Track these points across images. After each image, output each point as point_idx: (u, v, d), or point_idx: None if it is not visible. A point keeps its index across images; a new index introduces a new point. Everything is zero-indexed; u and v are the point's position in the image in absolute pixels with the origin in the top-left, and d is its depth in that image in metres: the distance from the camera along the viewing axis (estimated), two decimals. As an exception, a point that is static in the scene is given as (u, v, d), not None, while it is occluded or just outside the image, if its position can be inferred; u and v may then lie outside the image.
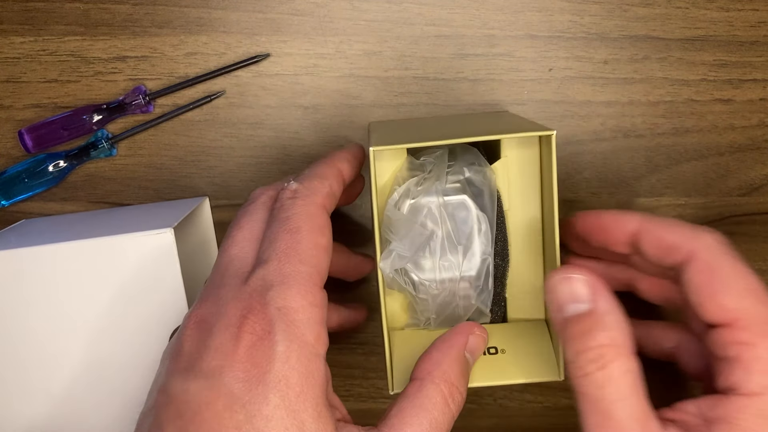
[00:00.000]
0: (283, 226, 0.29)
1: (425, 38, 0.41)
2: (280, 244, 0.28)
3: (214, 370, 0.25)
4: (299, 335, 0.26)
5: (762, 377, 0.27)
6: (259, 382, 0.25)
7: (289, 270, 0.28)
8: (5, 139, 0.42)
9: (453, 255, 0.34)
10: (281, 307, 0.27)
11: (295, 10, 0.41)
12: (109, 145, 0.41)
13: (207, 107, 0.42)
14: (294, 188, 0.31)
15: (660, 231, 0.31)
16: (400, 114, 0.42)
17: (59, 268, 0.35)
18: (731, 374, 0.28)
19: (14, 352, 0.36)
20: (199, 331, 0.27)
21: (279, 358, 0.26)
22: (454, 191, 0.34)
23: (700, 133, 0.43)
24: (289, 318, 0.26)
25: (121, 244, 0.35)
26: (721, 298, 0.28)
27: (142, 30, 0.41)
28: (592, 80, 0.42)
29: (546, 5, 0.41)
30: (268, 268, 0.28)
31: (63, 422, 0.36)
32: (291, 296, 0.27)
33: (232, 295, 0.28)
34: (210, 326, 0.27)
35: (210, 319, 0.27)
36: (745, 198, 0.43)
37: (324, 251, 0.29)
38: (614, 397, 0.27)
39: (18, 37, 0.41)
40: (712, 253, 0.29)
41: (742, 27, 0.42)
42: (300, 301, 0.27)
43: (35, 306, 0.35)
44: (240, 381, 0.25)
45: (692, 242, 0.30)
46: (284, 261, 0.28)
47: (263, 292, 0.27)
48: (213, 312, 0.27)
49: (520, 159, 0.35)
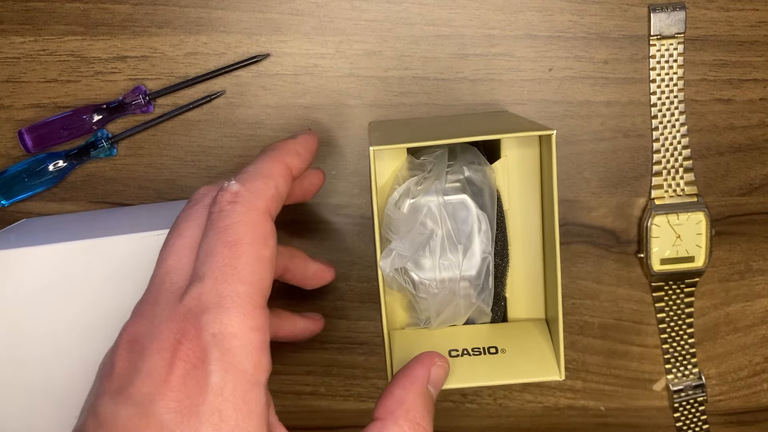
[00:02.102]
0: (221, 238, 0.27)
1: (425, 38, 0.41)
2: (218, 259, 0.26)
3: (145, 398, 0.24)
4: (235, 364, 0.25)
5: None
6: (192, 414, 0.24)
7: (226, 291, 0.26)
8: (5, 139, 0.42)
9: (453, 254, 0.34)
10: (216, 333, 0.25)
11: (295, 10, 0.41)
12: (109, 145, 0.41)
13: (207, 107, 0.42)
14: (234, 190, 0.28)
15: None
16: (400, 114, 0.42)
17: (59, 268, 0.35)
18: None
19: (14, 352, 0.36)
20: (131, 352, 0.26)
21: (213, 389, 0.24)
22: (454, 191, 0.34)
23: (700, 133, 0.43)
24: (224, 345, 0.25)
25: (121, 244, 0.35)
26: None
27: (142, 30, 0.41)
28: (592, 80, 0.42)
29: (546, 5, 0.41)
30: (203, 286, 0.26)
31: (63, 421, 0.36)
32: (228, 321, 0.25)
33: (166, 314, 0.26)
34: (142, 347, 0.26)
35: (143, 339, 0.26)
36: (745, 198, 0.43)
37: (267, 265, 0.27)
38: None
39: (18, 37, 0.41)
40: None
41: (742, 27, 0.42)
42: (238, 326, 0.25)
43: (35, 306, 0.35)
44: (171, 411, 0.24)
45: None
46: (221, 280, 0.26)
47: (198, 315, 0.25)
48: (146, 332, 0.26)
49: (520, 158, 0.35)
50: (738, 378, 0.45)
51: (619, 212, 0.43)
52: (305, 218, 0.43)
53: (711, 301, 0.44)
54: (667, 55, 0.42)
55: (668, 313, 0.44)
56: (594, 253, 0.44)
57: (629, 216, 0.43)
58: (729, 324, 0.45)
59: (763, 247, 0.44)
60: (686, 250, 0.43)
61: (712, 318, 0.45)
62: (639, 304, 0.44)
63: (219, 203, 0.28)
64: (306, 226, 0.43)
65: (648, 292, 0.44)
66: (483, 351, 0.33)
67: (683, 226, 0.42)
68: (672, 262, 0.43)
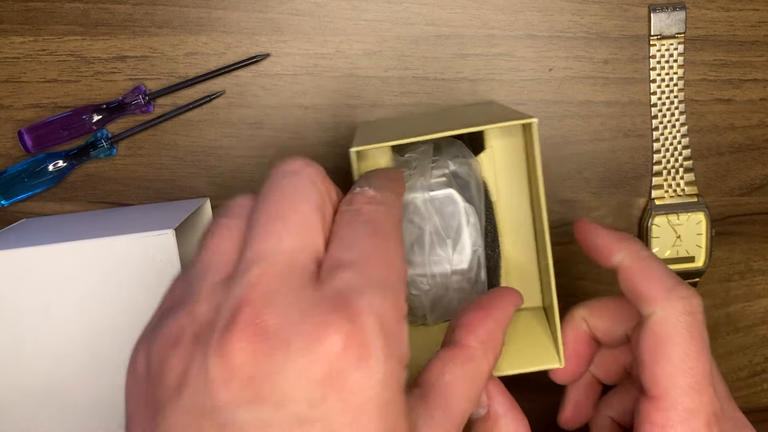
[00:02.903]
0: (367, 230, 0.24)
1: (425, 38, 0.41)
2: (367, 248, 0.23)
3: (300, 400, 0.20)
4: (396, 351, 0.21)
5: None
6: (362, 412, 0.20)
7: (381, 276, 0.22)
8: (5, 139, 0.42)
9: (442, 249, 0.33)
10: (380, 315, 0.21)
11: (295, 10, 0.41)
12: (108, 145, 0.41)
13: (207, 107, 0.42)
14: (371, 194, 0.26)
15: (636, 276, 0.30)
16: (399, 114, 0.42)
17: (59, 268, 0.35)
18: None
19: (14, 352, 0.36)
20: (265, 349, 0.20)
21: (382, 379, 0.21)
22: (440, 185, 0.34)
23: (700, 133, 0.43)
24: (387, 331, 0.21)
25: (122, 244, 0.35)
26: (657, 371, 0.28)
27: (142, 30, 0.41)
28: (592, 80, 0.42)
29: (546, 5, 0.41)
30: (353, 271, 0.22)
31: (63, 422, 0.36)
32: (388, 306, 0.22)
33: (306, 298, 0.21)
34: (282, 341, 0.20)
35: (281, 333, 0.20)
36: (745, 198, 0.43)
37: (406, 263, 0.25)
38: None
39: (18, 37, 0.41)
40: (672, 322, 0.28)
41: (742, 27, 0.42)
42: (395, 310, 0.22)
43: (35, 306, 0.35)
44: (338, 413, 0.20)
45: (661, 302, 0.29)
46: (373, 263, 0.23)
47: (352, 299, 0.21)
48: (284, 326, 0.20)
49: (505, 149, 0.35)
50: (738, 378, 0.45)
51: (619, 212, 0.43)
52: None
53: (711, 301, 0.44)
54: (667, 55, 0.42)
55: (668, 313, 0.44)
56: (594, 253, 0.44)
57: (629, 216, 0.43)
58: (729, 324, 0.45)
59: (763, 247, 0.44)
60: (686, 250, 0.43)
61: (712, 318, 0.45)
62: (639, 304, 0.44)
63: (354, 202, 0.25)
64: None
65: (648, 292, 0.44)
66: None
67: (683, 226, 0.42)
68: (672, 262, 0.43)
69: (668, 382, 0.27)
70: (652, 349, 0.28)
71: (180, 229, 0.36)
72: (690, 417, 0.27)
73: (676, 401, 0.27)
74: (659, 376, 0.28)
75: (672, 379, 0.27)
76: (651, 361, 0.28)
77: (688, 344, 0.28)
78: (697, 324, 0.28)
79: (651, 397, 0.28)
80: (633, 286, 0.30)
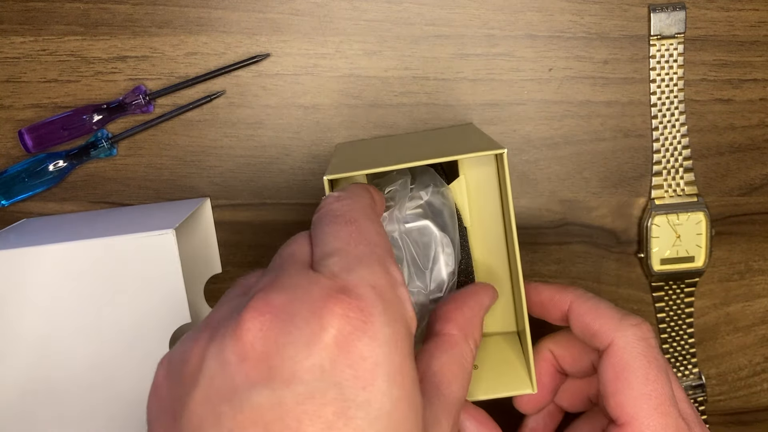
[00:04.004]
0: (337, 221, 0.25)
1: (425, 38, 0.41)
2: (342, 235, 0.24)
3: (313, 371, 0.20)
4: (400, 315, 0.22)
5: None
6: (374, 376, 0.20)
7: (363, 252, 0.24)
8: (5, 139, 0.42)
9: (420, 280, 0.34)
10: (375, 285, 0.22)
11: (295, 10, 0.41)
12: (109, 145, 0.41)
13: (207, 107, 0.42)
14: (336, 195, 0.27)
15: (587, 317, 0.31)
16: (399, 114, 0.42)
17: (60, 268, 0.35)
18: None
19: (14, 352, 0.36)
20: (274, 325, 0.21)
21: (389, 342, 0.21)
22: (415, 217, 0.34)
23: (700, 133, 0.43)
24: (386, 297, 0.22)
25: (122, 244, 0.35)
26: (621, 399, 0.29)
27: (142, 30, 0.41)
28: (592, 80, 0.42)
29: (546, 5, 0.41)
30: (338, 255, 0.23)
31: (63, 422, 0.36)
32: (378, 273, 0.23)
33: (305, 280, 0.22)
34: (289, 317, 0.21)
35: (286, 309, 0.21)
36: (745, 198, 0.43)
37: (386, 237, 0.25)
38: None
39: (18, 37, 0.41)
40: (628, 350, 0.29)
41: (742, 27, 0.42)
42: (387, 277, 0.23)
43: (35, 306, 0.35)
44: (350, 379, 0.20)
45: (613, 333, 0.30)
46: (354, 246, 0.24)
47: (345, 275, 0.22)
48: (287, 302, 0.21)
49: (477, 177, 0.35)
50: (738, 378, 0.45)
51: (619, 212, 0.43)
52: (304, 220, 0.43)
53: (711, 301, 0.44)
54: (667, 55, 0.42)
55: (668, 313, 0.44)
56: (594, 253, 0.44)
57: (629, 216, 0.43)
58: (729, 324, 0.45)
59: (763, 247, 0.44)
60: (686, 250, 0.43)
61: (712, 318, 0.45)
62: (639, 304, 0.44)
63: (323, 206, 0.27)
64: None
65: (648, 292, 0.44)
66: None
67: (683, 226, 0.42)
68: (672, 262, 0.43)
69: (632, 408, 0.28)
70: (613, 379, 0.29)
71: (180, 228, 0.36)
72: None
73: (642, 425, 0.28)
74: (624, 404, 0.28)
75: (636, 403, 0.28)
76: (614, 390, 0.29)
77: (646, 368, 0.29)
78: (651, 349, 0.29)
79: (620, 425, 0.29)
80: (585, 325, 0.31)
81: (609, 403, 0.29)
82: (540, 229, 0.43)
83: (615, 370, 0.29)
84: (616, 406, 0.29)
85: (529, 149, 0.43)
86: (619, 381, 0.29)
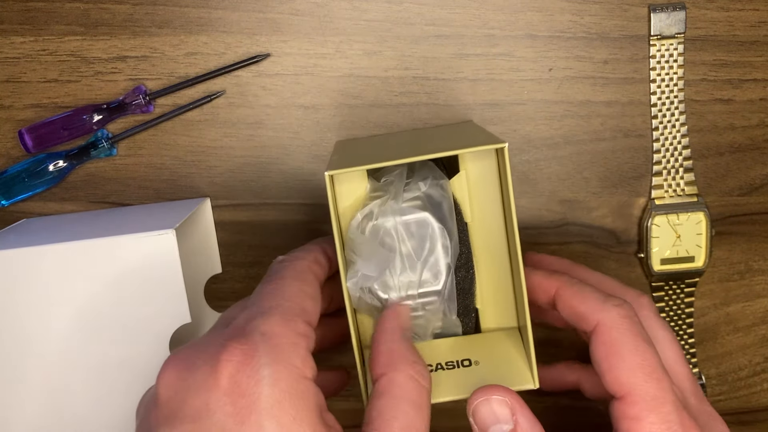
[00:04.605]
0: (268, 279, 0.30)
1: (425, 38, 0.41)
2: (265, 290, 0.29)
3: (200, 410, 0.24)
4: (285, 358, 0.25)
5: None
6: (251, 411, 0.24)
7: (271, 304, 0.27)
8: (5, 139, 0.42)
9: (414, 271, 0.33)
10: (265, 332, 0.26)
11: (295, 10, 0.41)
12: (109, 145, 0.41)
13: (207, 107, 0.42)
14: (280, 259, 0.32)
15: (572, 300, 0.32)
16: (399, 114, 0.42)
17: (60, 268, 0.35)
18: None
19: (15, 352, 0.36)
20: (177, 374, 0.26)
21: (267, 382, 0.24)
22: (413, 208, 0.34)
23: (700, 133, 0.43)
24: (273, 342, 0.25)
25: (122, 244, 0.35)
26: (617, 373, 0.30)
27: (142, 30, 0.41)
28: (592, 80, 0.42)
29: (546, 5, 0.41)
30: (250, 308, 0.27)
31: (63, 422, 0.36)
32: (274, 323, 0.26)
33: (213, 337, 0.27)
34: (189, 365, 0.26)
35: (188, 359, 0.26)
36: (745, 198, 0.43)
37: (310, 298, 0.29)
38: None
39: (18, 37, 0.41)
40: (614, 328, 0.30)
41: (742, 27, 0.42)
42: (283, 327, 0.26)
43: (36, 306, 0.35)
44: (230, 415, 0.24)
45: (599, 314, 0.31)
46: (266, 300, 0.28)
47: (244, 326, 0.26)
48: (190, 354, 0.26)
49: (478, 171, 0.35)
50: (738, 378, 0.45)
51: (619, 212, 0.43)
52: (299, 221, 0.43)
53: (711, 301, 0.44)
54: (667, 55, 0.42)
55: (668, 313, 0.44)
56: (594, 253, 0.44)
57: (629, 216, 0.43)
58: (729, 324, 0.45)
59: (763, 247, 0.44)
60: (686, 250, 0.43)
61: (712, 318, 0.45)
62: (639, 304, 0.44)
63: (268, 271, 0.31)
64: (309, 227, 0.43)
65: (648, 292, 0.44)
66: (456, 364, 0.33)
67: (683, 226, 0.42)
68: (672, 262, 0.43)
69: (628, 378, 0.29)
70: (605, 357, 0.30)
71: (180, 228, 0.36)
72: (658, 404, 0.29)
73: (640, 392, 0.29)
74: (619, 378, 0.30)
75: (630, 375, 0.29)
76: (608, 366, 0.30)
77: (634, 342, 0.30)
78: (635, 325, 0.31)
79: (619, 399, 0.30)
80: (572, 309, 0.32)
81: (606, 380, 0.30)
82: (540, 229, 0.43)
83: (605, 347, 0.30)
84: (612, 381, 0.30)
85: (529, 149, 0.43)
86: (610, 357, 0.30)
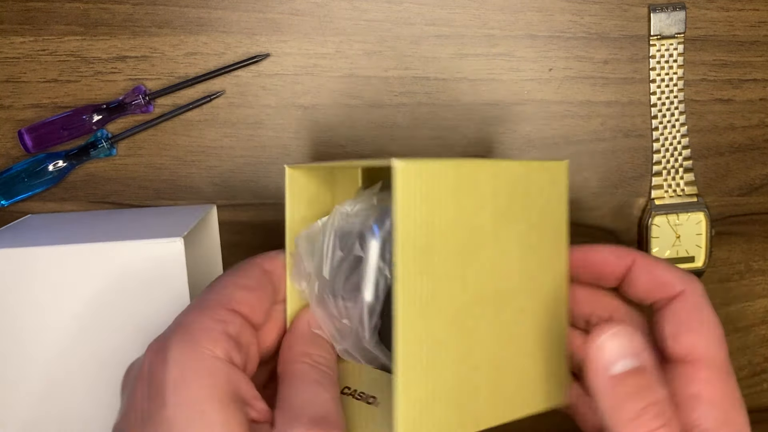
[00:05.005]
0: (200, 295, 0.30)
1: (425, 38, 0.41)
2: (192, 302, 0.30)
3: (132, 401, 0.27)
4: (191, 339, 0.26)
5: (721, 413, 0.30)
6: (158, 391, 0.25)
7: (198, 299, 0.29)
8: (5, 139, 0.42)
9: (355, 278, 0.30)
10: (180, 322, 0.27)
11: (295, 10, 0.41)
12: (108, 145, 0.41)
13: (207, 107, 0.42)
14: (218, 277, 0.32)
15: (656, 269, 0.33)
16: (399, 114, 0.42)
17: (64, 269, 0.35)
18: (693, 410, 0.30)
19: (15, 353, 0.36)
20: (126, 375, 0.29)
21: (172, 363, 0.26)
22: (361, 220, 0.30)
23: (700, 133, 0.43)
24: (183, 329, 0.27)
25: (129, 250, 0.35)
26: (695, 337, 0.31)
27: (142, 30, 0.41)
28: (592, 80, 0.42)
29: (546, 5, 0.41)
30: None
31: (63, 424, 0.36)
32: (190, 313, 0.27)
33: None
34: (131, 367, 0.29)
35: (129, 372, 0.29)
36: (745, 198, 0.43)
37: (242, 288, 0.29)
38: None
39: (18, 37, 0.41)
40: (699, 297, 0.32)
41: (742, 27, 0.42)
42: (199, 315, 0.27)
43: (38, 307, 0.35)
44: (146, 399, 0.26)
45: (685, 283, 0.32)
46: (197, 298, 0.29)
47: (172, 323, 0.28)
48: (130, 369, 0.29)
49: None
50: (738, 378, 0.45)
51: (619, 212, 0.43)
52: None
53: (711, 301, 0.44)
54: (667, 55, 0.42)
55: (668, 313, 0.44)
56: (594, 253, 0.44)
57: (629, 216, 0.43)
58: (729, 324, 0.45)
59: (763, 247, 0.44)
60: (686, 250, 0.43)
61: (712, 318, 0.45)
62: (639, 304, 0.44)
63: None
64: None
65: (648, 292, 0.44)
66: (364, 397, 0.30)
67: (683, 226, 0.42)
68: (672, 262, 0.43)
69: (708, 344, 0.31)
70: (686, 320, 0.31)
71: (187, 236, 0.36)
72: (728, 375, 0.31)
73: (717, 360, 0.30)
74: (696, 343, 0.31)
75: (711, 341, 0.31)
76: (687, 328, 0.31)
77: (714, 315, 0.32)
78: (708, 300, 0.32)
79: (689, 362, 0.30)
80: (656, 277, 0.33)
81: (680, 342, 0.31)
82: (540, 229, 0.43)
83: (688, 311, 0.31)
84: (687, 345, 0.30)
85: (529, 149, 0.43)
86: (693, 321, 0.31)
